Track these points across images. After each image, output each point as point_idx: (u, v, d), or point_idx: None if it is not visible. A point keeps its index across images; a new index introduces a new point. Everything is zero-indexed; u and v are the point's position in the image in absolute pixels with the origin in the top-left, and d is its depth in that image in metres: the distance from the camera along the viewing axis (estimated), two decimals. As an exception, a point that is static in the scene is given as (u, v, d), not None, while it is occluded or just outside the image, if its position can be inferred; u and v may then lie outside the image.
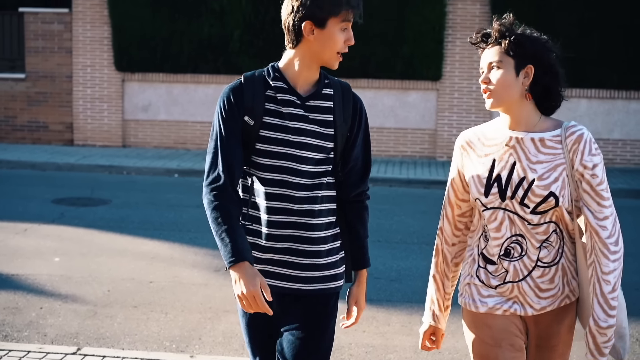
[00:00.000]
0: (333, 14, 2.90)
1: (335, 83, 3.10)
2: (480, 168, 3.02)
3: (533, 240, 2.96)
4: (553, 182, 2.90)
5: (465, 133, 3.13)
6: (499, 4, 14.31)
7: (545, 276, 2.98)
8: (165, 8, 14.72)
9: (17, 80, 15.35)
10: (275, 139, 2.97)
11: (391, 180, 12.80)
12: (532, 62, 2.91)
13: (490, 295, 3.04)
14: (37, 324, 5.87)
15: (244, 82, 3.02)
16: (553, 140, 2.93)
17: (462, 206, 3.15)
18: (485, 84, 2.94)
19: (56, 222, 9.26)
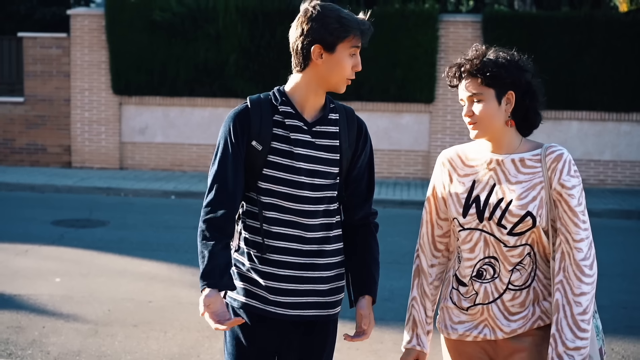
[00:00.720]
0: (343, 39, 2.89)
1: (339, 108, 3.09)
2: (460, 188, 3.00)
3: (506, 263, 2.93)
4: (531, 201, 2.88)
5: (447, 151, 3.10)
6: (490, 27, 14.59)
7: (515, 299, 2.95)
8: (162, 33, 14.94)
9: (15, 103, 15.55)
10: (283, 165, 2.94)
11: (385, 201, 12.99)
12: (512, 88, 2.89)
13: (461, 321, 3.02)
14: (40, 343, 6.03)
15: (251, 106, 2.98)
16: (533, 160, 2.92)
17: (444, 226, 3.12)
18: (470, 117, 2.92)
19: (56, 243, 9.42)
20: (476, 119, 2.89)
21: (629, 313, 7.13)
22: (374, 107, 15.01)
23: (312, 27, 2.88)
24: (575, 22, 14.42)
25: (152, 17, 14.85)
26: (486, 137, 2.95)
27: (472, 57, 2.91)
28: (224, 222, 2.88)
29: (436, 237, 3.13)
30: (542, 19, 14.67)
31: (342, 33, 2.87)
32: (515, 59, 2.93)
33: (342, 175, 3.06)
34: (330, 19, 2.86)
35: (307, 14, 2.90)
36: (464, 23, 14.94)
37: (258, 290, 2.99)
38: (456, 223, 3.00)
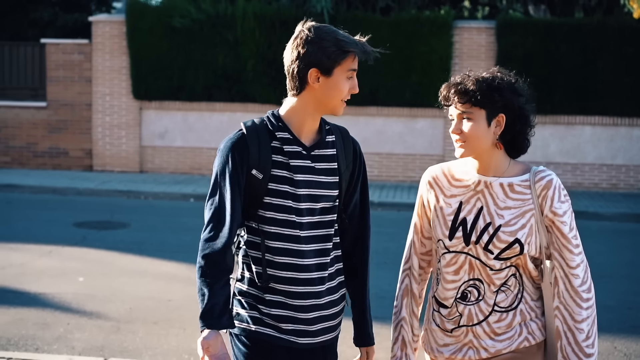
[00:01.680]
0: (340, 62, 2.82)
1: (334, 129, 3.02)
2: (447, 209, 2.96)
3: (491, 285, 2.90)
4: (520, 228, 2.85)
5: (433, 169, 3.06)
6: (504, 33, 14.78)
7: (502, 321, 2.92)
8: (181, 39, 15.24)
9: (38, 108, 15.90)
10: (284, 192, 2.87)
11: (399, 204, 13.22)
12: (503, 111, 2.85)
13: (446, 343, 2.99)
14: (65, 338, 6.31)
15: (247, 133, 2.88)
16: (522, 185, 2.89)
17: (427, 244, 3.09)
18: (457, 135, 2.88)
19: (79, 244, 9.72)
20: (464, 138, 2.86)
21: (633, 313, 7.33)
22: (390, 112, 15.23)
23: (308, 51, 2.81)
24: (588, 29, 14.60)
25: (172, 23, 15.13)
26: (472, 156, 2.92)
27: (467, 78, 2.89)
28: (223, 258, 2.81)
29: (420, 256, 3.10)
30: (555, 25, 14.85)
31: (340, 56, 2.81)
32: (511, 82, 2.89)
33: (341, 198, 3.01)
34: (327, 42, 2.80)
35: (303, 36, 2.84)
36: (478, 29, 15.15)
37: (266, 319, 2.93)
38: (441, 245, 2.96)
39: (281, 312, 2.92)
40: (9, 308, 7.06)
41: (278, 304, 2.92)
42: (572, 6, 16.21)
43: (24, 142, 15.95)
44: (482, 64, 14.87)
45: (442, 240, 2.95)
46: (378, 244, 9.88)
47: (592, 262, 10.54)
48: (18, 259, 8.83)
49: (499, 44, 14.77)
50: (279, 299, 2.91)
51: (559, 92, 14.69)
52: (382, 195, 13.83)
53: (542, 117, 14.41)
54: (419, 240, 3.08)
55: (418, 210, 3.09)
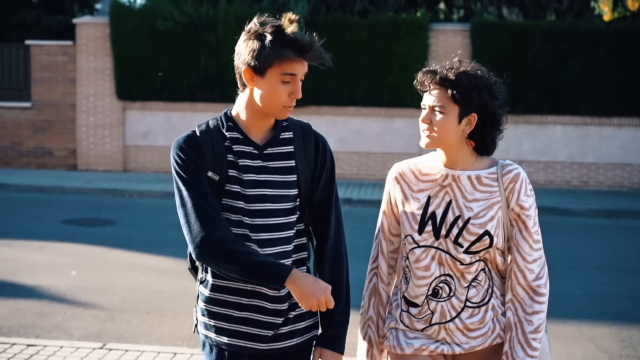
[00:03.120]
0: (272, 64, 2.64)
1: (294, 124, 2.88)
2: (414, 204, 2.92)
3: (462, 280, 2.87)
4: (489, 220, 2.84)
5: (399, 165, 3.02)
6: (479, 35, 15.23)
7: (474, 316, 2.90)
8: (164, 40, 15.57)
9: (23, 108, 16.18)
10: (236, 193, 2.76)
11: (378, 202, 13.61)
12: (477, 111, 2.83)
13: (417, 337, 2.95)
14: (63, 327, 6.66)
15: (200, 135, 2.76)
16: (489, 178, 2.88)
17: (395, 242, 3.03)
18: (427, 124, 2.86)
19: (69, 240, 10.05)
20: (432, 128, 2.83)
21: (600, 302, 7.77)
22: (368, 112, 15.64)
23: (244, 48, 2.68)
24: (559, 31, 15.09)
25: (155, 25, 15.46)
26: (439, 148, 2.90)
27: (449, 69, 2.85)
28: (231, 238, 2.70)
29: (388, 254, 3.05)
30: (528, 28, 15.33)
31: (271, 58, 2.63)
32: (490, 83, 2.85)
33: (303, 197, 2.86)
34: (262, 40, 2.64)
35: (245, 32, 2.72)
36: (454, 32, 15.59)
37: (228, 325, 2.85)
38: (410, 240, 2.92)
39: (244, 315, 2.81)
40: (7, 299, 7.39)
41: (240, 306, 2.81)
42: (544, 9, 16.72)
43: (8, 142, 16.22)
44: (457, 65, 15.34)
45: (410, 235, 2.90)
46: (359, 238, 10.30)
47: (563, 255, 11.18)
48: (11, 254, 9.16)
49: (474, 45, 15.22)
50: (240, 300, 2.80)
51: (531, 92, 15.16)
52: (360, 193, 14.24)
53: (515, 117, 14.89)
54: (386, 239, 3.03)
55: (385, 207, 3.04)
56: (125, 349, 5.86)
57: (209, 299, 2.85)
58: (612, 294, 8.03)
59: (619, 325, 7.07)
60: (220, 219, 2.70)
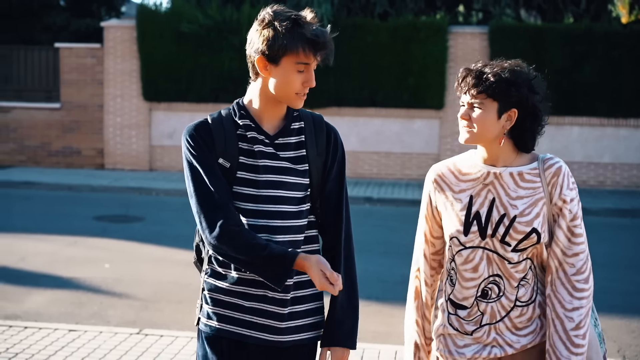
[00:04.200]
0: (287, 53, 2.65)
1: (305, 115, 2.87)
2: (457, 205, 2.87)
3: (511, 280, 2.83)
4: (535, 217, 2.79)
5: (437, 167, 2.97)
6: (497, 38, 15.53)
7: (523, 315, 2.86)
8: (189, 43, 15.97)
9: (52, 109, 16.64)
10: (252, 181, 2.74)
11: (398, 200, 13.97)
12: (517, 106, 2.79)
13: (467, 344, 2.90)
14: (100, 315, 7.06)
15: (211, 122, 2.77)
16: (531, 174, 2.83)
17: (437, 244, 2.99)
18: (466, 121, 2.82)
19: (100, 235, 10.47)
20: (471, 124, 2.81)
21: (608, 297, 8.09)
22: (388, 113, 15.98)
23: (257, 37, 2.68)
24: (576, 34, 15.37)
25: (180, 28, 15.87)
26: (478, 144, 2.87)
27: (486, 65, 2.83)
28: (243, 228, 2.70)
29: (430, 256, 3.01)
30: (545, 30, 15.61)
31: (286, 46, 2.64)
32: (529, 78, 2.82)
33: (314, 188, 2.84)
34: (276, 29, 2.64)
35: (258, 21, 2.71)
36: (472, 34, 15.91)
37: (236, 315, 2.81)
38: (456, 242, 2.87)
39: (259, 306, 2.79)
40: (46, 290, 7.80)
41: (249, 296, 2.79)
42: (561, 12, 16.99)
43: (38, 142, 16.69)
44: (475, 67, 15.65)
45: (456, 237, 2.86)
46: (379, 235, 10.69)
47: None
48: (47, 248, 9.58)
49: (492, 48, 15.53)
50: (257, 292, 2.78)
51: (548, 94, 15.36)
52: (381, 192, 14.58)
53: (533, 118, 15.19)
54: (427, 241, 3.00)
55: (425, 211, 2.99)
56: (160, 334, 6.25)
57: (217, 288, 2.82)
58: (622, 290, 8.35)
59: (630, 317, 7.38)
60: (231, 207, 2.70)
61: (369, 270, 8.72)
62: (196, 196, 2.71)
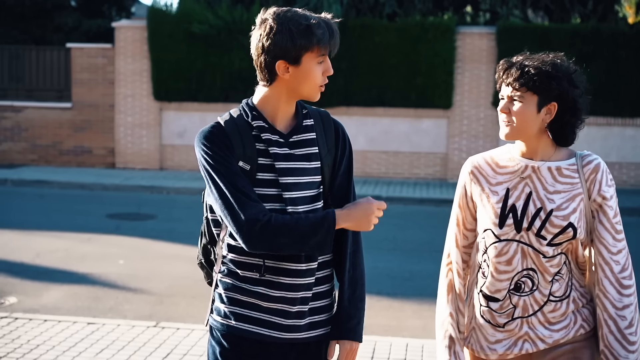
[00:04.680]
0: (308, 50, 2.68)
1: (313, 112, 2.90)
2: (493, 198, 2.87)
3: (546, 274, 2.82)
4: (572, 212, 2.78)
5: (474, 158, 2.97)
6: (504, 38, 15.66)
7: (557, 311, 2.85)
8: (199, 43, 16.14)
9: (64, 109, 16.82)
10: (271, 181, 2.75)
11: (406, 199, 14.11)
12: (557, 100, 2.79)
13: (498, 340, 2.90)
14: (116, 309, 7.22)
15: (225, 125, 2.74)
16: (570, 169, 2.83)
17: (469, 236, 2.99)
18: (505, 114, 2.83)
19: (114, 233, 10.64)
20: (510, 118, 2.81)
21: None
22: (396, 112, 16.12)
23: (273, 42, 2.67)
24: (583, 34, 15.49)
25: (191, 29, 16.02)
26: (518, 139, 2.88)
27: (527, 58, 2.84)
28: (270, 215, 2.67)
29: (462, 249, 3.01)
30: (552, 30, 15.74)
31: (306, 44, 2.67)
32: (569, 72, 2.83)
33: (326, 184, 2.87)
34: (291, 31, 2.66)
35: (267, 26, 2.68)
36: (480, 34, 16.04)
37: (255, 314, 2.81)
38: (490, 234, 2.87)
39: (275, 306, 2.80)
40: (62, 285, 7.97)
41: (267, 297, 2.79)
42: (568, 13, 17.11)
43: (50, 141, 16.87)
44: (483, 67, 15.80)
45: (490, 229, 2.86)
46: (387, 233, 10.83)
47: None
48: (62, 245, 9.75)
49: (499, 48, 15.65)
50: (273, 293, 2.78)
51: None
52: (389, 191, 14.72)
53: (540, 117, 15.36)
54: (460, 233, 2.99)
55: (459, 201, 2.99)
56: (176, 327, 6.40)
57: (234, 287, 2.82)
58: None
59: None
60: (260, 203, 2.69)
61: (379, 266, 8.87)
62: (224, 199, 2.66)
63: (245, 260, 2.79)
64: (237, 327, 2.81)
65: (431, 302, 7.66)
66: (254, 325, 2.81)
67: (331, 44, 2.72)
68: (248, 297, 2.80)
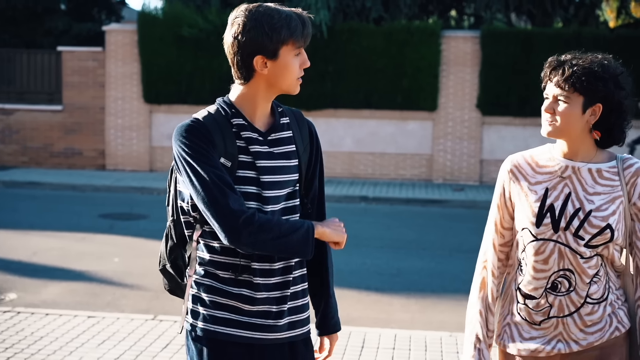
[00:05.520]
0: (284, 43, 2.67)
1: (287, 111, 2.89)
2: (532, 196, 2.85)
3: (583, 276, 2.80)
4: (611, 214, 2.77)
5: (514, 157, 2.95)
6: (488, 42, 15.99)
7: (594, 314, 2.83)
8: (189, 47, 16.38)
9: (55, 111, 17.04)
10: (251, 179, 2.73)
11: (392, 199, 14.40)
12: (602, 101, 2.76)
13: (532, 337, 2.90)
14: (114, 304, 7.47)
15: (205, 120, 2.71)
16: (610, 172, 2.81)
17: (506, 235, 2.97)
18: (550, 114, 2.81)
19: (107, 232, 10.88)
20: (555, 118, 2.80)
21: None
22: (382, 114, 16.42)
23: (248, 38, 2.65)
24: (565, 38, 15.83)
25: (180, 32, 16.27)
26: (559, 138, 2.85)
27: (575, 58, 2.83)
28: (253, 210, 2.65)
29: (499, 247, 2.99)
30: (535, 34, 16.08)
31: (282, 37, 2.67)
32: (616, 73, 2.80)
33: (302, 181, 2.88)
34: (265, 26, 2.65)
35: (240, 23, 2.67)
36: (464, 38, 16.35)
37: (229, 315, 2.78)
38: (527, 233, 2.86)
39: (248, 307, 2.77)
40: (60, 281, 8.21)
41: (245, 298, 2.76)
42: (550, 17, 17.47)
43: (41, 143, 17.08)
44: (467, 70, 16.13)
45: (527, 229, 2.85)
46: (375, 232, 11.14)
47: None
48: (57, 244, 9.99)
49: (483, 51, 15.98)
50: (246, 293, 2.76)
51: (539, 96, 15.79)
52: (376, 191, 15.01)
53: (523, 119, 15.73)
54: (497, 232, 2.98)
55: (498, 200, 2.97)
56: (174, 319, 6.66)
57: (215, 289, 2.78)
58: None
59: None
60: (242, 199, 2.67)
61: (367, 263, 9.16)
62: (208, 191, 2.61)
63: (223, 261, 2.75)
64: (220, 331, 2.77)
65: (418, 297, 8.00)
66: (236, 328, 2.78)
67: (304, 35, 2.71)
68: (228, 299, 2.76)
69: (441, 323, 7.13)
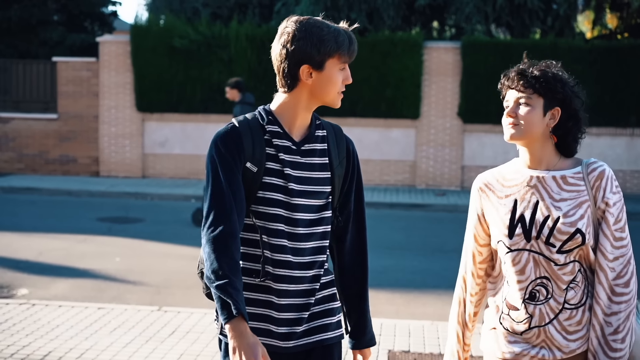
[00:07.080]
0: (331, 56, 2.75)
1: (327, 125, 2.94)
2: (502, 209, 2.90)
3: (559, 282, 2.83)
4: (579, 219, 2.78)
5: (483, 175, 3.01)
6: (469, 53, 16.63)
7: (572, 318, 2.85)
8: (180, 57, 16.95)
9: (50, 120, 17.57)
10: (278, 186, 2.79)
11: (377, 204, 15.00)
12: (560, 105, 2.84)
13: (517, 341, 2.92)
14: (120, 298, 8.03)
15: (239, 126, 2.80)
16: (575, 177, 2.84)
17: (483, 252, 3.02)
18: (512, 118, 2.84)
19: (107, 234, 11.43)
20: (517, 121, 2.84)
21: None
22: (367, 122, 17.02)
23: (297, 47, 2.73)
24: (542, 48, 16.46)
25: (172, 43, 16.85)
26: (522, 143, 2.89)
27: (534, 65, 2.90)
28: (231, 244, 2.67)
29: (478, 265, 3.04)
30: (514, 45, 16.70)
31: (330, 50, 2.74)
32: (571, 83, 2.89)
33: (335, 195, 2.91)
34: (315, 37, 2.74)
35: (290, 32, 2.76)
36: (446, 49, 16.99)
37: (256, 324, 2.84)
38: (502, 245, 2.90)
39: (276, 315, 2.83)
40: (67, 279, 8.76)
41: (268, 304, 2.82)
42: (528, 28, 18.15)
43: (36, 151, 17.59)
44: (449, 79, 16.76)
45: (502, 241, 2.90)
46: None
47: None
48: (61, 245, 10.53)
49: (464, 61, 16.62)
50: (269, 299, 2.82)
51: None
52: (361, 196, 15.56)
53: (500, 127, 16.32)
54: (475, 249, 3.03)
55: (472, 218, 3.03)
56: (177, 310, 7.23)
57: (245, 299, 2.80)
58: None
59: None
60: (235, 219, 2.70)
61: (354, 261, 9.72)
62: (211, 197, 2.72)
63: (244, 266, 2.83)
64: None
65: (402, 292, 8.59)
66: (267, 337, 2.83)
67: (350, 50, 2.78)
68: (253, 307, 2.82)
69: (423, 314, 7.72)
